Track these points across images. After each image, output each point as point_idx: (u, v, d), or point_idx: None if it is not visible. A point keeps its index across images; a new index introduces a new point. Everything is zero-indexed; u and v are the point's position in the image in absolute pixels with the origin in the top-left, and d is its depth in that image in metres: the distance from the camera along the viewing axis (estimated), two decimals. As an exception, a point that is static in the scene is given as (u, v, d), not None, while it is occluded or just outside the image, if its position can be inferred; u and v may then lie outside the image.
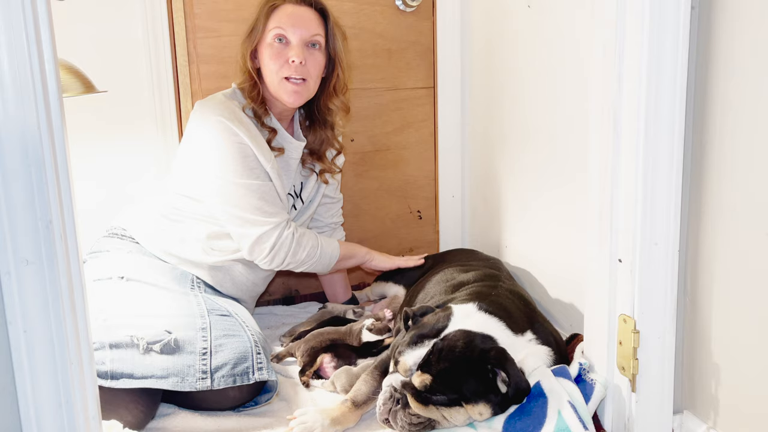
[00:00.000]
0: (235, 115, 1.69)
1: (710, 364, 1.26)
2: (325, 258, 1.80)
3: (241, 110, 1.73)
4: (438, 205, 2.45)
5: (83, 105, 1.81)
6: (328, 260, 1.81)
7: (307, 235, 1.77)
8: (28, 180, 0.89)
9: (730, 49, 1.15)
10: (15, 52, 0.86)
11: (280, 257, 1.72)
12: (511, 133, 2.07)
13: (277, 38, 1.71)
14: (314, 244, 1.77)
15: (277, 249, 1.70)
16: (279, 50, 1.70)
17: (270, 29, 1.71)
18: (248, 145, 1.67)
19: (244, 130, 1.67)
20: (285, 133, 1.81)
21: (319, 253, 1.78)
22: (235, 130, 1.66)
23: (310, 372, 1.66)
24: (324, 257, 1.80)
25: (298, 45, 1.70)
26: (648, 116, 1.19)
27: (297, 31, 1.70)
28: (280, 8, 1.72)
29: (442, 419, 1.30)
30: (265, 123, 1.77)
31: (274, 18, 1.71)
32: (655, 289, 1.25)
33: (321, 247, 1.79)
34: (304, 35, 1.71)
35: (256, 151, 1.69)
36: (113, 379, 1.37)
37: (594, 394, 1.32)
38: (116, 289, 1.62)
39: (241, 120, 1.69)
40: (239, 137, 1.66)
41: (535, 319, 1.52)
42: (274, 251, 1.70)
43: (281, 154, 1.80)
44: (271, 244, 1.70)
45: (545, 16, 1.83)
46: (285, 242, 1.71)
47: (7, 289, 0.91)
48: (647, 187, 1.21)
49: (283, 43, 1.71)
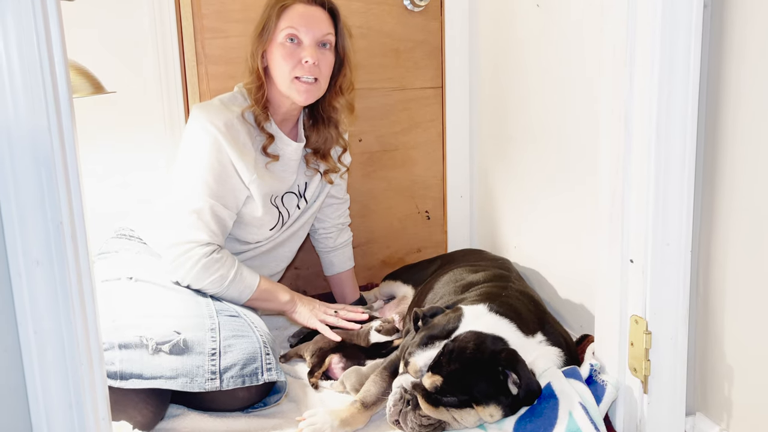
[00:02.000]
0: (229, 123, 1.66)
1: (723, 365, 1.25)
2: (233, 292, 1.70)
3: (238, 116, 1.70)
4: (446, 205, 2.44)
5: (92, 106, 1.82)
6: (236, 294, 1.71)
7: (222, 264, 1.67)
8: (38, 181, 0.89)
9: (743, 48, 1.14)
10: (25, 54, 0.86)
11: (180, 273, 1.66)
12: (520, 133, 2.06)
13: (289, 38, 1.69)
14: (223, 274, 1.67)
15: (179, 263, 1.65)
16: (291, 50, 1.69)
17: (282, 29, 1.69)
18: (229, 161, 1.65)
19: (232, 141, 1.65)
20: (283, 137, 1.79)
21: (226, 285, 1.68)
22: (221, 143, 1.64)
23: (319, 373, 1.66)
24: (231, 291, 1.70)
25: (311, 45, 1.69)
26: (660, 116, 1.18)
27: (309, 31, 1.69)
28: (291, 8, 1.70)
29: (452, 421, 1.30)
30: (264, 128, 1.75)
31: (285, 18, 1.70)
32: (667, 290, 1.24)
33: (231, 280, 1.68)
34: (317, 35, 1.70)
35: (238, 167, 1.66)
36: (123, 380, 1.37)
37: (605, 395, 1.31)
38: (125, 290, 1.62)
39: (233, 128, 1.67)
40: (223, 152, 1.64)
41: (546, 320, 1.51)
42: (176, 264, 1.65)
43: (276, 160, 1.77)
44: (175, 255, 1.65)
45: (554, 16, 1.82)
46: (189, 260, 1.64)
47: (17, 289, 0.91)
48: (659, 187, 1.20)
49: (295, 43, 1.70)
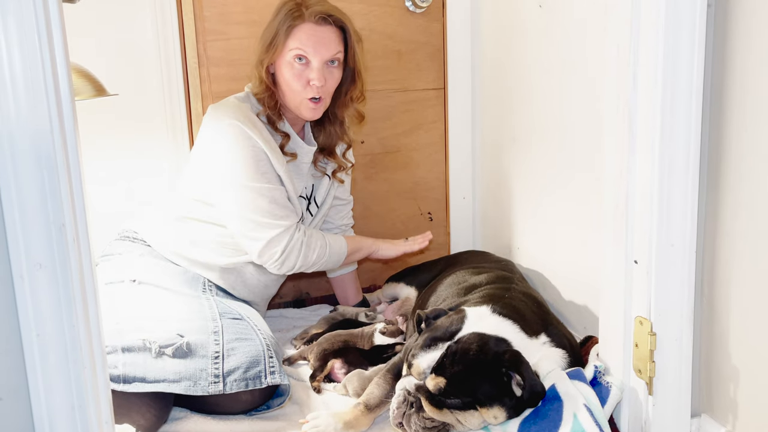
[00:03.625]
0: (249, 118, 1.69)
1: (729, 366, 1.24)
2: (335, 256, 1.81)
3: (254, 114, 1.73)
4: (449, 206, 2.44)
5: (95, 108, 1.82)
6: (336, 258, 1.82)
7: (315, 236, 1.77)
8: (40, 183, 0.89)
9: (748, 47, 1.14)
10: (28, 56, 0.86)
11: (291, 261, 1.72)
12: (523, 134, 2.06)
13: (297, 58, 1.69)
14: (323, 243, 1.77)
15: (288, 252, 1.70)
16: (300, 71, 1.70)
17: (290, 48, 1.69)
18: (262, 149, 1.67)
19: (258, 134, 1.67)
20: (297, 138, 1.81)
21: (328, 252, 1.78)
22: (249, 134, 1.66)
23: (321, 377, 1.65)
24: (333, 255, 1.81)
25: (319, 67, 1.69)
26: (664, 115, 1.17)
27: (318, 53, 1.69)
28: (300, 27, 1.68)
29: (456, 423, 1.29)
30: (279, 128, 1.77)
31: (294, 37, 1.68)
32: (672, 291, 1.24)
33: (329, 246, 1.79)
34: (325, 56, 1.70)
35: (269, 155, 1.69)
36: (126, 383, 1.37)
37: (610, 397, 1.31)
38: (128, 293, 1.62)
39: (254, 123, 1.69)
40: (253, 140, 1.66)
41: (549, 321, 1.51)
42: (285, 254, 1.70)
43: (294, 159, 1.80)
44: (282, 248, 1.69)
45: (557, 16, 1.82)
46: (296, 245, 1.71)
47: (20, 292, 0.91)
48: (663, 187, 1.20)
49: (303, 63, 1.70)
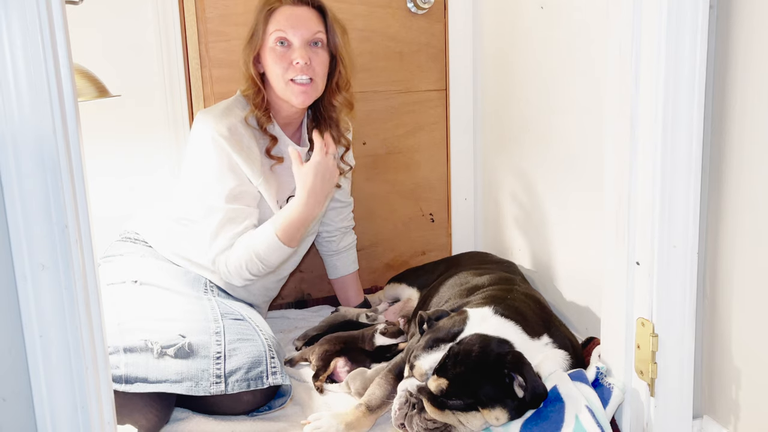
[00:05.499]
0: (231, 126, 1.67)
1: (731, 367, 1.24)
2: (273, 251, 1.63)
3: (241, 121, 1.71)
4: (450, 207, 2.44)
5: (97, 109, 1.82)
6: (277, 248, 1.63)
7: (235, 255, 1.66)
8: (43, 184, 0.89)
9: (750, 49, 1.14)
10: (31, 57, 0.87)
11: (235, 281, 1.71)
12: (524, 135, 2.06)
13: (279, 41, 1.69)
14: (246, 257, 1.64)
15: (227, 277, 1.70)
16: (282, 53, 1.69)
17: (270, 33, 1.69)
18: (237, 166, 1.66)
19: (235, 145, 1.66)
20: (286, 139, 1.79)
21: (257, 258, 1.63)
22: (227, 149, 1.64)
23: (324, 376, 1.65)
24: (271, 251, 1.63)
25: (301, 46, 1.68)
26: (666, 117, 1.17)
27: (298, 32, 1.68)
28: (278, 11, 1.69)
29: (458, 424, 1.29)
30: (267, 130, 1.75)
31: (272, 21, 1.69)
32: (674, 292, 1.23)
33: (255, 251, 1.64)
34: (305, 35, 1.69)
35: (245, 169, 1.67)
36: (128, 384, 1.37)
37: (612, 398, 1.30)
38: (130, 293, 1.62)
39: (234, 131, 1.67)
40: (230, 158, 1.65)
41: (551, 322, 1.51)
42: (226, 277, 1.70)
43: (280, 162, 1.77)
44: (220, 274, 1.71)
45: (558, 17, 1.82)
46: (225, 275, 1.70)
47: (23, 293, 0.91)
48: (665, 188, 1.20)
49: (285, 46, 1.69)
